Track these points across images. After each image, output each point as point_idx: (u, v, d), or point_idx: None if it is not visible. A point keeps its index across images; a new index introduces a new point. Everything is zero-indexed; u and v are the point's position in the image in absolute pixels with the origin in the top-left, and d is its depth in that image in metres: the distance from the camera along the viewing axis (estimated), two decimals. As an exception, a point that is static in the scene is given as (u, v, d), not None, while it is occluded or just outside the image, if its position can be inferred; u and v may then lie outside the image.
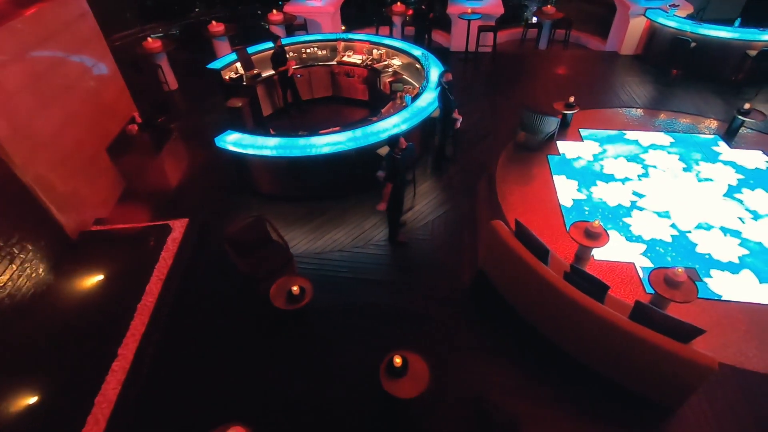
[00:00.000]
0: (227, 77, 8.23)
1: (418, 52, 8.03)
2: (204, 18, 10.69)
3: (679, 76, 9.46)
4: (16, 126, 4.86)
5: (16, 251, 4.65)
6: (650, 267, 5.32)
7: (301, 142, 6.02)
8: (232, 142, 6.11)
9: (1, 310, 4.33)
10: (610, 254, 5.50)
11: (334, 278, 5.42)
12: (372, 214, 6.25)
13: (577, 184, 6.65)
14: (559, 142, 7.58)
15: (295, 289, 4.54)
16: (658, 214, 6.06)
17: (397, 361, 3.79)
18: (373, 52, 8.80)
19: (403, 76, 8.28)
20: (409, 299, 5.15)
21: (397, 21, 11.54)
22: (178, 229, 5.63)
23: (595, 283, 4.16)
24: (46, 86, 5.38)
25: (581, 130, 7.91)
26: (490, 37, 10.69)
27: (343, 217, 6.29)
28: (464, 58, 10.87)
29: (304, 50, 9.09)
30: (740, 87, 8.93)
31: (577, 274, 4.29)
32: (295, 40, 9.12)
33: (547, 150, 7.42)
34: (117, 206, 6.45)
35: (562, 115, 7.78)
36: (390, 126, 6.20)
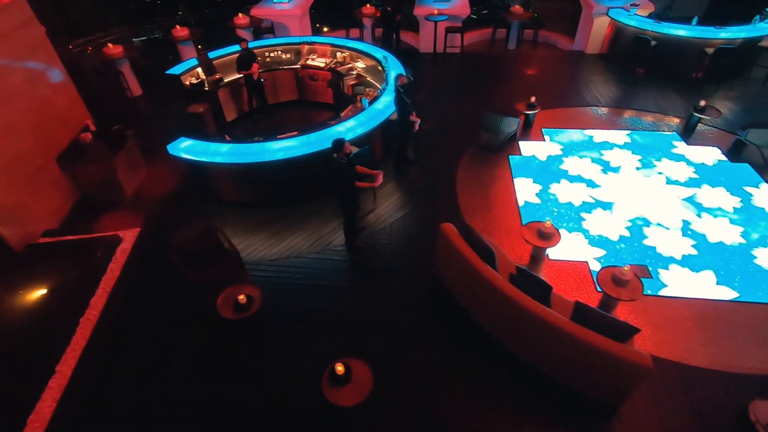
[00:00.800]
0: (188, 82, 8.11)
1: (379, 55, 8.00)
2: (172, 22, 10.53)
3: (644, 75, 9.59)
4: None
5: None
6: (603, 265, 5.35)
7: (255, 148, 5.94)
8: (184, 149, 6.01)
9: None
10: (565, 253, 5.53)
11: (289, 285, 5.35)
12: (331, 219, 6.20)
13: (537, 184, 6.68)
14: (521, 143, 7.62)
15: (242, 298, 4.47)
16: (614, 212, 6.11)
17: (339, 369, 3.74)
18: (337, 54, 8.75)
19: (367, 79, 8.26)
20: (363, 305, 5.10)
21: (367, 23, 11.53)
22: (129, 239, 5.52)
23: (539, 285, 4.16)
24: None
25: (544, 130, 7.95)
26: (458, 38, 10.73)
27: (301, 223, 6.22)
28: (432, 59, 10.89)
29: (268, 54, 9.01)
30: (701, 84, 9.08)
31: (522, 276, 4.29)
32: (259, 44, 9.03)
33: (509, 150, 7.44)
34: (69, 217, 6.30)
35: (524, 116, 7.83)
36: (345, 129, 6.16)
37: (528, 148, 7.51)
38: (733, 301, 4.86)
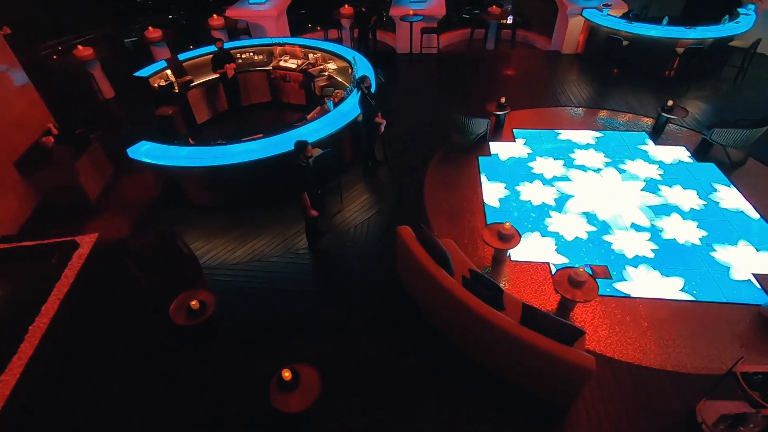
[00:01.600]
0: (156, 85, 8.02)
1: (349, 56, 7.96)
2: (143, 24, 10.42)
3: (618, 75, 9.63)
4: None
5: None
6: (564, 266, 5.34)
7: (216, 151, 5.88)
8: (145, 152, 5.94)
9: None
10: (528, 255, 5.52)
11: (248, 289, 5.29)
12: (296, 222, 6.14)
13: (504, 185, 6.67)
14: (491, 143, 7.61)
15: (194, 303, 4.42)
16: (579, 213, 6.12)
17: (286, 374, 3.70)
18: (309, 56, 8.71)
19: (338, 80, 8.22)
20: (323, 309, 5.06)
21: (346, 24, 11.48)
22: (87, 244, 5.41)
23: (490, 287, 4.15)
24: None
25: (515, 131, 7.96)
26: (434, 39, 10.72)
27: (266, 226, 6.17)
28: (409, 59, 10.87)
29: (239, 55, 8.93)
30: (673, 84, 9.14)
31: (475, 278, 4.27)
32: (231, 45, 8.95)
33: (479, 151, 7.43)
34: (28, 222, 6.20)
35: (495, 116, 7.83)
36: (309, 132, 6.12)
37: (498, 148, 7.50)
38: (690, 301, 4.87)
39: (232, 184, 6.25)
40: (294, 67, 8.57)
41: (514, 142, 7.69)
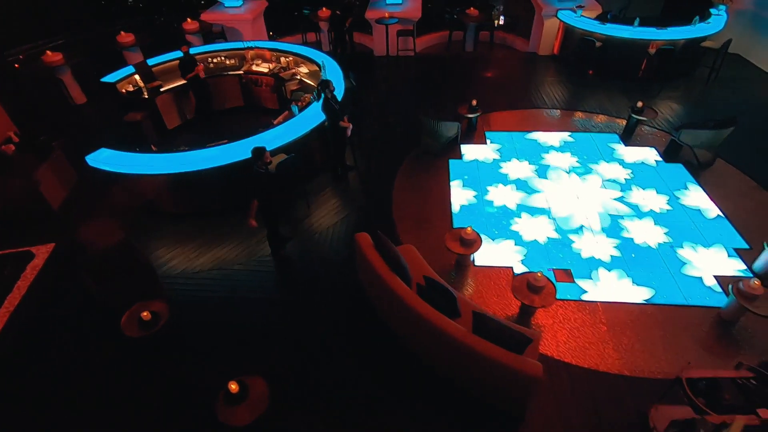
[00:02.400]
0: (124, 90, 7.90)
1: (319, 60, 7.90)
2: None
3: (593, 76, 9.64)
4: None
5: None
6: (529, 270, 5.31)
7: (178, 158, 5.79)
8: (104, 160, 5.83)
9: None
10: (492, 259, 5.48)
11: (207, 299, 5.20)
12: (261, 229, 6.05)
13: (472, 189, 6.63)
14: (463, 146, 7.58)
15: (145, 314, 4.33)
16: (545, 216, 6.09)
17: (233, 387, 3.63)
18: (281, 60, 8.63)
19: (310, 84, 8.15)
20: (282, 317, 4.98)
21: (324, 26, 11.42)
22: (42, 255, 5.31)
23: (443, 294, 4.10)
24: None
25: (487, 133, 7.93)
26: (410, 41, 10.68)
27: (230, 233, 6.08)
28: (386, 62, 10.83)
29: (211, 60, 8.84)
30: (646, 85, 9.16)
31: (429, 286, 4.22)
32: (202, 50, 8.86)
33: (451, 154, 7.39)
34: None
35: (467, 119, 7.79)
36: (273, 137, 6.05)
37: (469, 151, 7.47)
38: (650, 304, 4.85)
39: (196, 191, 6.16)
40: (266, 71, 8.49)
41: (486, 144, 7.66)
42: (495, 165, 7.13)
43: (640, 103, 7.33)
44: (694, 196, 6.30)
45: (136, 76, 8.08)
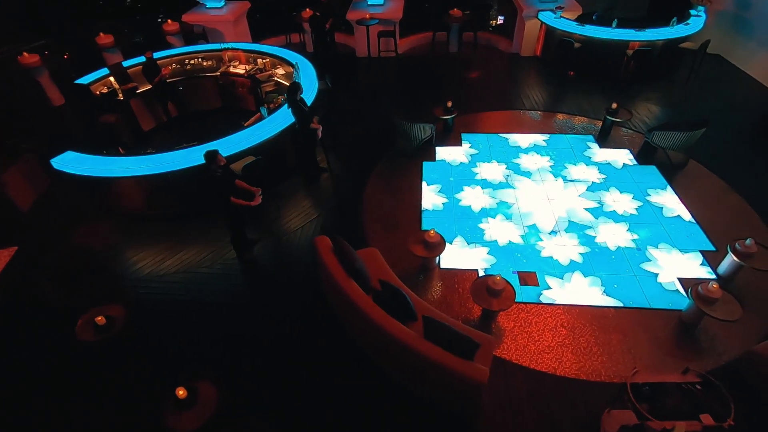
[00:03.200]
0: (98, 92, 7.87)
1: (294, 61, 7.87)
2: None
3: (573, 77, 9.61)
4: None
5: None
6: (492, 272, 5.28)
7: (145, 161, 5.76)
8: (70, 163, 5.80)
9: None
10: (458, 262, 5.45)
11: (170, 302, 5.16)
12: (228, 233, 6.03)
13: (443, 190, 6.61)
14: (438, 148, 7.55)
15: (99, 319, 4.30)
16: (514, 218, 6.06)
17: (181, 392, 3.60)
18: (258, 61, 8.60)
19: (286, 86, 8.11)
20: (242, 321, 4.95)
21: (308, 27, 11.38)
22: (3, 259, 5.27)
23: (398, 297, 4.07)
24: None
25: (463, 134, 7.90)
26: (392, 42, 10.65)
27: (198, 236, 6.04)
28: (368, 63, 10.80)
29: (188, 61, 8.81)
30: (625, 86, 9.14)
31: (386, 290, 4.19)
32: (176, 51, 8.83)
33: (425, 156, 7.36)
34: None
35: (442, 121, 7.77)
36: (242, 139, 6.02)
37: (443, 153, 7.44)
38: (612, 307, 4.83)
39: (163, 193, 6.13)
40: (242, 72, 8.46)
41: (461, 146, 7.63)
42: (469, 167, 7.11)
43: (614, 105, 7.31)
44: (664, 198, 6.29)
45: (111, 78, 8.04)
